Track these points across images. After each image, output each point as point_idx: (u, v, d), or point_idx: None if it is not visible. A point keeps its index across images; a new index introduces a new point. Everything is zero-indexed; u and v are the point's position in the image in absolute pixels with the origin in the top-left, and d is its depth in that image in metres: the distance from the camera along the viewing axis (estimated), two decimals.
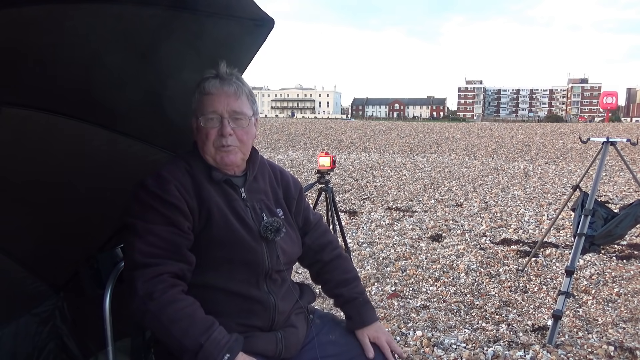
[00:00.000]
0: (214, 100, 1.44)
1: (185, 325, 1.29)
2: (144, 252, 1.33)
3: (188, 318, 1.31)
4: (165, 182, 1.40)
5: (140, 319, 1.34)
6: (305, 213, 1.72)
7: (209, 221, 1.43)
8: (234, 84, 1.46)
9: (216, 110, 1.44)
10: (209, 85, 1.45)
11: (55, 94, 1.45)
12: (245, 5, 1.35)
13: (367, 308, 1.67)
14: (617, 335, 3.26)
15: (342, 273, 1.71)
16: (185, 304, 1.33)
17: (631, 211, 3.98)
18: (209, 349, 1.27)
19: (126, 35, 1.32)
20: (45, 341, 1.97)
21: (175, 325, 1.29)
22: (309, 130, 32.09)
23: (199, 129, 1.47)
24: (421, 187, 9.99)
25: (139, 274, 1.31)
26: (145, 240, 1.34)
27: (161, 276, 1.32)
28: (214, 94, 1.44)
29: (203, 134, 1.46)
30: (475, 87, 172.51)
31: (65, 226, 1.76)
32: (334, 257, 1.73)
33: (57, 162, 1.62)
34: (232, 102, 1.45)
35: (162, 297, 1.30)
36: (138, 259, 1.33)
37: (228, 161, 1.48)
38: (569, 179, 11.13)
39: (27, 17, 1.12)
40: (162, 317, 1.29)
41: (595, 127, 35.78)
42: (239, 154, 1.50)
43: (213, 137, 1.45)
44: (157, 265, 1.33)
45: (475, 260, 4.96)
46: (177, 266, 1.36)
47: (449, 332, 3.29)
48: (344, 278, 1.70)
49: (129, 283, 1.33)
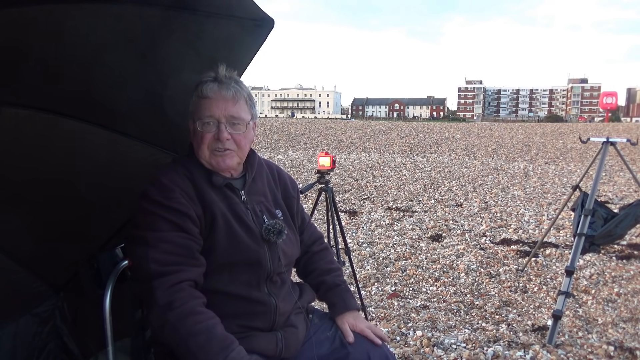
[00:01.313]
0: (212, 105, 1.42)
1: (202, 340, 1.26)
2: (159, 261, 1.32)
3: (207, 332, 1.27)
4: (169, 190, 1.39)
5: (159, 330, 1.33)
6: (302, 213, 1.75)
7: (213, 226, 1.42)
8: (233, 88, 1.44)
9: (213, 115, 1.43)
10: (207, 88, 1.43)
11: (55, 94, 1.45)
12: (245, 5, 1.35)
13: (349, 296, 1.70)
14: (617, 335, 3.26)
15: (328, 263, 1.77)
16: (205, 317, 1.31)
17: (631, 211, 3.99)
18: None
19: (126, 35, 1.32)
20: (45, 341, 1.97)
21: (193, 339, 1.26)
22: (309, 130, 32.08)
23: (195, 132, 1.46)
24: (421, 187, 9.99)
25: (157, 284, 1.30)
26: (158, 249, 1.33)
27: (180, 284, 1.31)
28: (211, 98, 1.43)
29: (199, 137, 1.45)
30: (475, 87, 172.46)
31: (65, 226, 1.76)
32: (322, 248, 1.80)
33: (57, 161, 1.62)
34: (229, 107, 1.44)
35: (182, 307, 1.28)
36: (154, 268, 1.31)
37: (223, 165, 1.47)
38: (569, 179, 11.13)
39: (27, 17, 1.12)
40: (181, 329, 1.27)
41: (595, 127, 35.77)
42: (235, 158, 1.49)
43: (208, 140, 1.44)
44: (175, 272, 1.32)
45: (475, 260, 4.96)
46: (193, 271, 1.36)
47: (449, 332, 3.29)
48: (329, 267, 1.75)
49: (147, 295, 1.32)
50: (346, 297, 1.69)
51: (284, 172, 1.73)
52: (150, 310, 1.32)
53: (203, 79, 1.45)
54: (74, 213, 1.74)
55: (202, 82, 1.45)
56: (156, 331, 1.36)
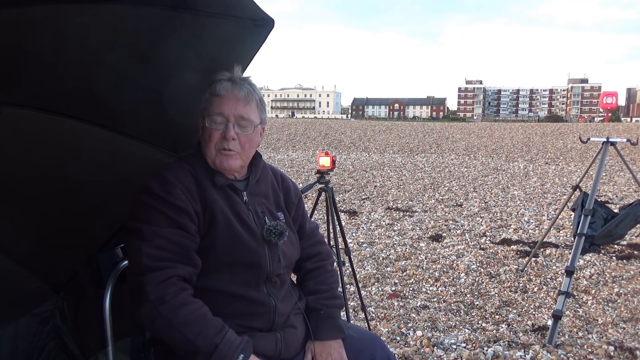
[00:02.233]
0: (222, 103, 1.44)
1: (198, 327, 1.30)
2: (152, 256, 1.32)
3: (201, 320, 1.31)
4: (170, 185, 1.39)
5: (149, 324, 1.33)
6: (301, 220, 1.71)
7: (212, 225, 1.42)
8: (245, 89, 1.46)
9: (222, 112, 1.44)
10: (220, 86, 1.44)
11: (55, 94, 1.45)
12: (245, 5, 1.35)
13: (327, 323, 1.59)
14: (617, 335, 3.26)
15: (317, 284, 1.67)
16: (197, 306, 1.33)
17: (631, 211, 3.98)
18: (224, 349, 1.29)
19: (126, 35, 1.32)
20: (45, 341, 1.97)
21: (189, 327, 1.29)
22: (309, 130, 32.08)
23: (204, 128, 1.46)
24: (421, 187, 9.99)
25: (148, 278, 1.30)
26: (153, 243, 1.33)
27: (170, 279, 1.32)
28: (223, 96, 1.44)
29: (206, 134, 1.46)
30: (475, 87, 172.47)
31: (65, 226, 1.76)
32: (316, 267, 1.70)
33: (57, 161, 1.62)
34: (240, 106, 1.45)
35: (174, 300, 1.30)
36: (146, 262, 1.31)
37: (227, 166, 1.47)
38: (569, 179, 11.13)
39: (27, 17, 1.12)
40: (174, 320, 1.29)
41: (595, 127, 35.77)
42: (238, 161, 1.49)
43: (216, 139, 1.44)
44: (167, 268, 1.32)
45: (475, 260, 4.96)
46: (185, 269, 1.36)
47: (449, 332, 3.29)
48: (317, 288, 1.66)
49: (137, 288, 1.32)
50: (322, 323, 1.58)
51: (288, 178, 1.73)
52: (139, 305, 1.31)
53: (218, 78, 1.46)
54: (74, 213, 1.74)
55: (216, 80, 1.46)
56: (145, 324, 1.36)
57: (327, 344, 1.57)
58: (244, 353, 1.31)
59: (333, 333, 1.58)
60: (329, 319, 1.60)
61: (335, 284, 1.72)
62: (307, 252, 1.70)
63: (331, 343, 1.57)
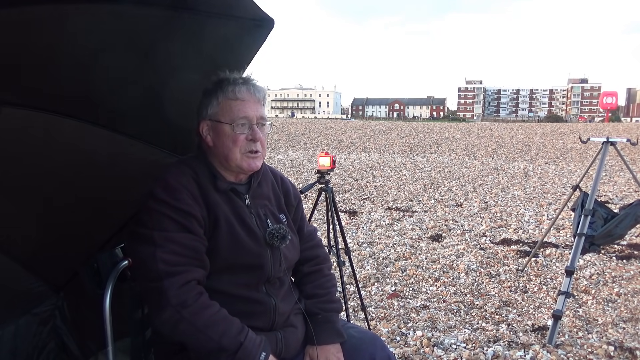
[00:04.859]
0: (245, 107, 1.44)
1: (223, 327, 1.33)
2: (168, 261, 1.33)
3: (224, 320, 1.35)
4: (176, 191, 1.39)
5: (171, 328, 1.33)
6: (300, 223, 1.71)
7: (216, 228, 1.43)
8: (261, 90, 1.49)
9: (247, 116, 1.45)
10: (240, 91, 1.45)
11: (55, 94, 1.45)
12: (245, 5, 1.35)
13: (325, 328, 1.59)
14: (617, 335, 3.26)
15: (314, 288, 1.67)
16: (217, 308, 1.37)
17: (631, 211, 3.98)
18: (249, 347, 1.33)
19: (126, 35, 1.32)
20: (45, 341, 1.97)
21: (213, 328, 1.32)
22: (309, 130, 32.07)
23: (226, 134, 1.45)
24: (421, 187, 9.99)
25: (167, 284, 1.31)
26: (166, 249, 1.34)
27: (190, 283, 1.34)
28: (246, 100, 1.45)
29: (230, 140, 1.45)
30: (475, 87, 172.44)
31: (65, 226, 1.76)
32: (312, 271, 1.69)
33: (57, 161, 1.62)
34: (260, 108, 1.48)
35: (196, 304, 1.33)
36: (163, 268, 1.32)
37: (254, 167, 1.49)
38: (569, 179, 11.13)
39: (27, 17, 1.11)
40: (198, 322, 1.31)
41: (595, 127, 35.76)
42: (262, 160, 1.52)
43: (241, 143, 1.45)
44: (184, 272, 1.34)
45: (475, 260, 4.96)
46: (200, 272, 1.38)
47: (449, 332, 3.29)
48: (314, 292, 1.66)
49: (156, 294, 1.32)
50: (319, 329, 1.58)
51: (287, 180, 1.73)
52: (159, 310, 1.32)
53: (230, 80, 1.46)
54: (74, 213, 1.74)
55: (229, 83, 1.45)
56: (167, 329, 1.35)
57: (325, 348, 1.57)
58: (265, 351, 1.36)
59: (331, 337, 1.59)
60: (327, 323, 1.61)
61: (333, 287, 1.71)
62: (305, 255, 1.69)
63: (329, 347, 1.57)
